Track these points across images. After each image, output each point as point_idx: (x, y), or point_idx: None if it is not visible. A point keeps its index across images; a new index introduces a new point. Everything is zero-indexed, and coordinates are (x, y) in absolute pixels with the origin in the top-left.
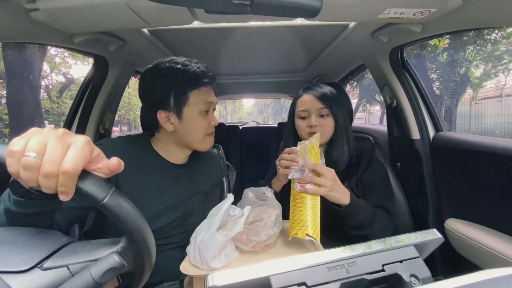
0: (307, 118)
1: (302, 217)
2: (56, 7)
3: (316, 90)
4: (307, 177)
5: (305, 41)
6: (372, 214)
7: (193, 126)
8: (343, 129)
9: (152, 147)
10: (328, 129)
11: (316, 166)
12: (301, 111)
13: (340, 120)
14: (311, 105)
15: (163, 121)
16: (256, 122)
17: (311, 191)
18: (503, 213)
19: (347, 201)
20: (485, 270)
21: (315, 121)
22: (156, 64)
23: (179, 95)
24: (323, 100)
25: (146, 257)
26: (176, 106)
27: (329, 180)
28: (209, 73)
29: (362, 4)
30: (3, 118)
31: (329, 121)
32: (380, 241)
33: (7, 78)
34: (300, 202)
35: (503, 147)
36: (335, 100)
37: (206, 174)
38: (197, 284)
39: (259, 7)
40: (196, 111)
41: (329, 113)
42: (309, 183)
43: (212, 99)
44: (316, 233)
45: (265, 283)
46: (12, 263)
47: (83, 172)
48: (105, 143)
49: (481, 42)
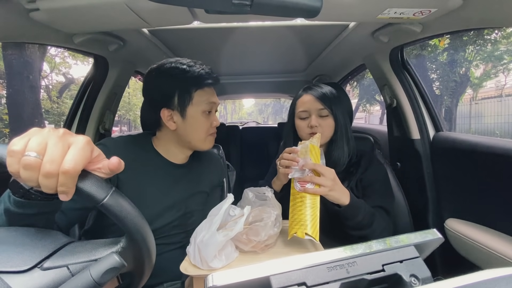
0: (307, 118)
1: (302, 216)
2: (56, 7)
3: (316, 90)
4: (307, 177)
5: (305, 41)
6: (371, 215)
7: (195, 125)
8: (343, 129)
9: (153, 146)
10: (328, 129)
11: (316, 166)
12: (301, 111)
13: (340, 121)
14: (311, 106)
15: (166, 119)
16: (256, 122)
17: (311, 190)
18: (503, 213)
19: (346, 201)
20: (485, 270)
21: (315, 122)
22: (161, 63)
23: (184, 94)
24: (323, 101)
25: (146, 257)
26: (180, 105)
27: (329, 180)
28: (213, 74)
29: (362, 4)
30: (3, 118)
31: (329, 122)
32: (380, 241)
33: (7, 78)
34: (300, 201)
35: (503, 147)
36: (335, 100)
37: (207, 174)
38: (197, 284)
39: (259, 7)
40: (199, 110)
41: (329, 114)
42: (309, 183)
43: (215, 100)
44: (316, 233)
45: (265, 283)
46: (12, 263)
47: (83, 172)
48: (106, 142)
49: (481, 42)
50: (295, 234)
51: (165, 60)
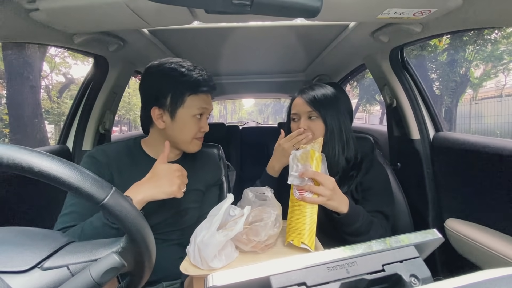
0: (298, 121)
1: (299, 225)
2: (56, 7)
3: (307, 93)
4: (306, 186)
5: (305, 41)
6: (369, 223)
7: (183, 128)
8: (335, 131)
9: (141, 148)
10: (317, 131)
11: (315, 175)
12: (293, 113)
13: (330, 123)
14: (300, 108)
15: (156, 118)
16: (256, 122)
17: (308, 199)
18: (503, 213)
19: (345, 210)
20: (485, 270)
21: (303, 124)
22: (163, 62)
23: (177, 97)
24: (311, 104)
25: (146, 257)
26: (171, 106)
27: (328, 190)
28: (210, 82)
29: (362, 4)
30: (3, 118)
31: (318, 124)
32: (380, 241)
33: (7, 78)
34: (298, 210)
35: (503, 147)
36: (325, 103)
37: (201, 172)
38: (197, 284)
39: (259, 7)
40: (189, 114)
41: (318, 116)
42: (308, 192)
43: (208, 106)
44: (311, 242)
45: (265, 283)
46: (12, 263)
47: (83, 172)
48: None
49: (481, 42)
50: (292, 242)
51: (167, 59)
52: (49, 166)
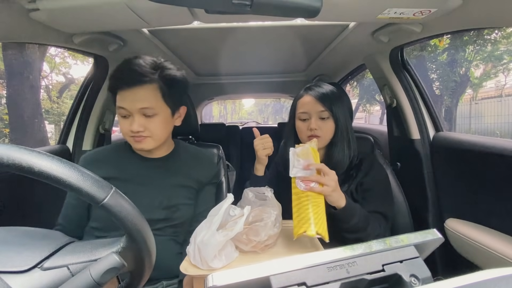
0: (307, 120)
1: (310, 215)
2: (56, 7)
3: (316, 91)
4: (313, 176)
5: (305, 41)
6: (366, 218)
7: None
8: (344, 131)
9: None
10: (328, 132)
11: (321, 166)
12: (301, 112)
13: (341, 123)
14: (311, 108)
15: None
16: (256, 122)
17: (317, 189)
18: (503, 213)
19: (343, 204)
20: (485, 270)
21: (315, 125)
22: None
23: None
24: (323, 102)
25: (146, 257)
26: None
27: (333, 180)
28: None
29: (362, 4)
30: (3, 118)
31: (329, 124)
32: (380, 241)
33: (7, 78)
34: (306, 200)
35: (503, 147)
36: (336, 100)
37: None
38: (197, 284)
39: (259, 7)
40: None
41: (329, 116)
42: (314, 182)
43: (126, 105)
44: (325, 232)
45: (265, 283)
46: (12, 263)
47: (83, 172)
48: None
49: (481, 42)
50: (305, 233)
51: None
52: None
